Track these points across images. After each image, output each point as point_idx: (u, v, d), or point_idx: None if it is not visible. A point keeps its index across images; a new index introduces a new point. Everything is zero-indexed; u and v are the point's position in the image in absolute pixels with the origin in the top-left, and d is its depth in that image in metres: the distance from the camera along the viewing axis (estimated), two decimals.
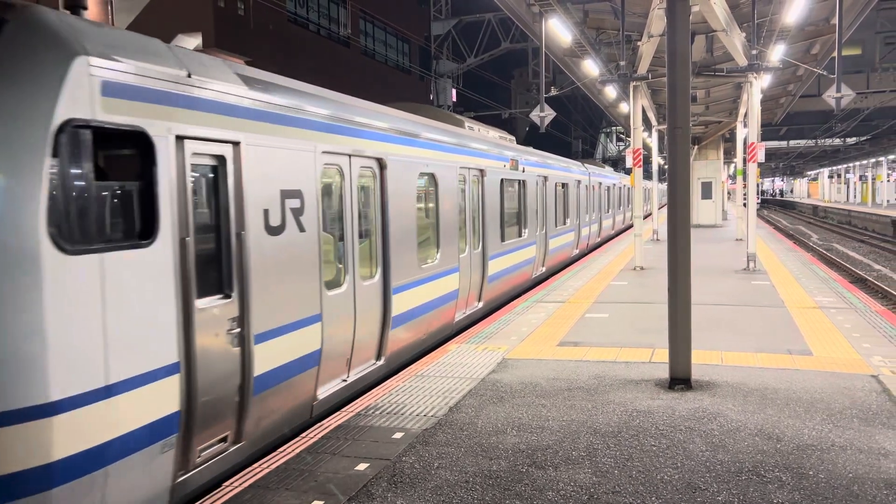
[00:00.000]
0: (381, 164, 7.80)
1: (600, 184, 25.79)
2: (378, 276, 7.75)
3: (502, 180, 12.79)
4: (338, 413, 6.41)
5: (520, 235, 14.17)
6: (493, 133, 14.20)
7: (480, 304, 11.59)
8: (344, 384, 7.00)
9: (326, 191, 6.73)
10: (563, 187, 18.66)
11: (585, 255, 21.61)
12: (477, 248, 11.33)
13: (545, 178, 16.25)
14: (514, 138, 15.89)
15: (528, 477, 4.92)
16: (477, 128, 13.18)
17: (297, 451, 5.49)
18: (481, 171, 11.58)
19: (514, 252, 13.56)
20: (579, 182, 21.03)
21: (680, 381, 7.01)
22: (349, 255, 7.07)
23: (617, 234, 30.77)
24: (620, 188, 32.52)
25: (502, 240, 12.72)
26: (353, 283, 7.10)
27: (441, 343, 9.62)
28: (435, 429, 5.91)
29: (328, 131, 6.64)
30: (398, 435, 5.78)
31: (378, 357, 7.78)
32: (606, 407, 6.42)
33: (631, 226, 33.82)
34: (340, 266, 6.99)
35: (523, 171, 14.27)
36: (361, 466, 5.15)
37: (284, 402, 5.91)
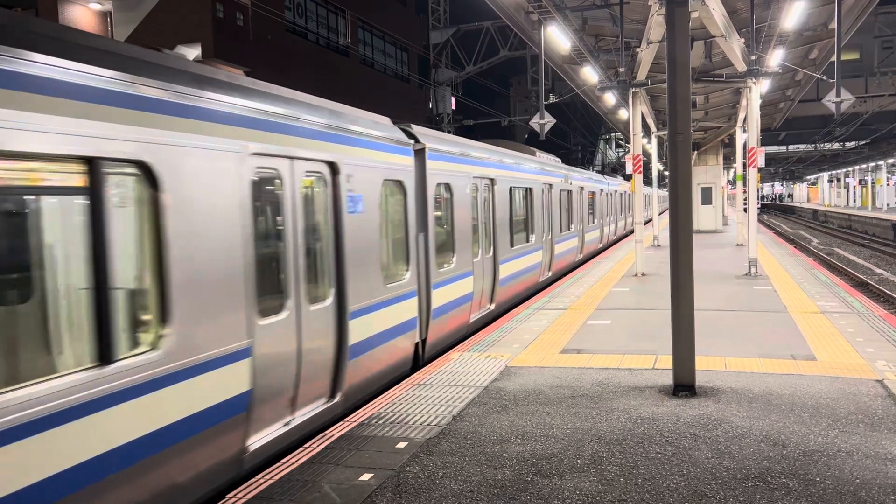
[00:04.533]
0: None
1: (530, 190, 15.07)
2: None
3: None
4: (340, 423, 6.38)
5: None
6: None
7: None
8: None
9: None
10: (391, 188, 8.21)
11: (476, 330, 11.22)
12: None
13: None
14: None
15: (533, 486, 4.89)
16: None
17: (301, 461, 5.47)
18: None
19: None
20: (449, 186, 10.07)
21: (684, 387, 6.99)
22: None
23: (570, 271, 19.80)
24: (587, 194, 22.61)
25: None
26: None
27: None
28: (439, 438, 5.88)
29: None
30: (402, 444, 5.75)
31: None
32: (610, 414, 6.39)
33: (601, 251, 25.98)
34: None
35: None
36: (365, 476, 5.12)
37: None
